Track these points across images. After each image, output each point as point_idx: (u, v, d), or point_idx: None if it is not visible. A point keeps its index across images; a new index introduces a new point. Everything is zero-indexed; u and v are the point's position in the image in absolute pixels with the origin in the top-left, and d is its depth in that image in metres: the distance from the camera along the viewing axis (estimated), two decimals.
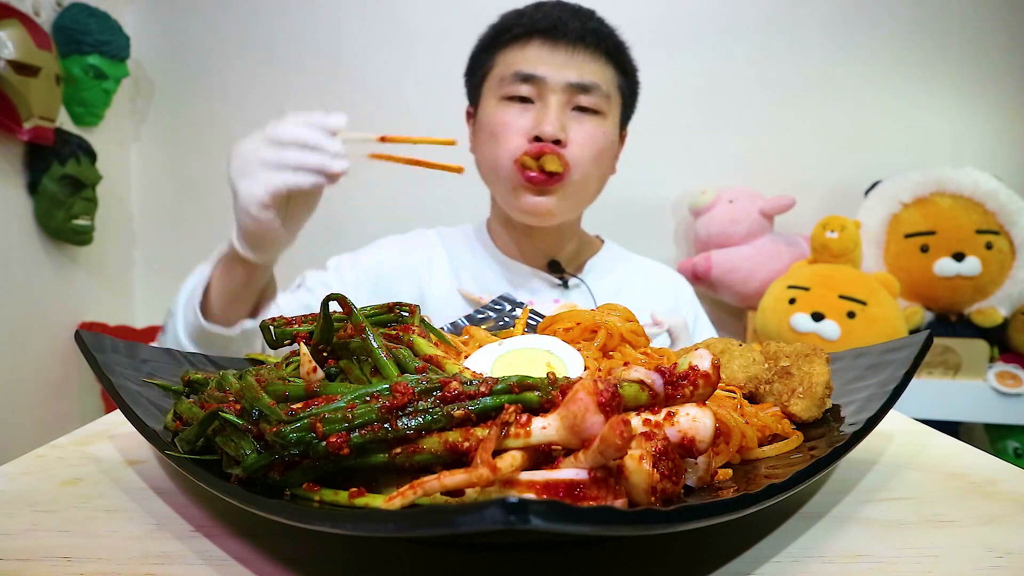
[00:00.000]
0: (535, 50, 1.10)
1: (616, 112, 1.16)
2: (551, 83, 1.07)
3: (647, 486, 0.33)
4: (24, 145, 1.77)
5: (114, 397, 0.50)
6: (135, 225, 2.31)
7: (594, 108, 1.10)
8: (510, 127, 1.09)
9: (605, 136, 1.11)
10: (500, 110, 1.11)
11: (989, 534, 0.42)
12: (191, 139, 2.27)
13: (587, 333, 0.59)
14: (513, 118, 1.09)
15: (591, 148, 1.09)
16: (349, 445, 0.34)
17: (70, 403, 1.99)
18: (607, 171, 1.18)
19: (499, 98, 1.12)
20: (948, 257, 1.85)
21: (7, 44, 1.62)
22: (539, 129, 1.05)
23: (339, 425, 0.35)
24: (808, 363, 0.55)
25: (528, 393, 0.36)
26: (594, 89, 1.09)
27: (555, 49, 1.09)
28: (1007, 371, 1.82)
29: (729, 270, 2.04)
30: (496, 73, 1.13)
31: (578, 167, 1.08)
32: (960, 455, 0.58)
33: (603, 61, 1.11)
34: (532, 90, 1.09)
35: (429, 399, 0.36)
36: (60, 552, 0.39)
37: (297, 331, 0.52)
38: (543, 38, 1.09)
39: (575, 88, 1.08)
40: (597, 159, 1.11)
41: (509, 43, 1.13)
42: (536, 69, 1.08)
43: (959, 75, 2.19)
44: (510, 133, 1.09)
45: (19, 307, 1.79)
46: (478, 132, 1.18)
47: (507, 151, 1.08)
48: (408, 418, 0.35)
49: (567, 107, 1.09)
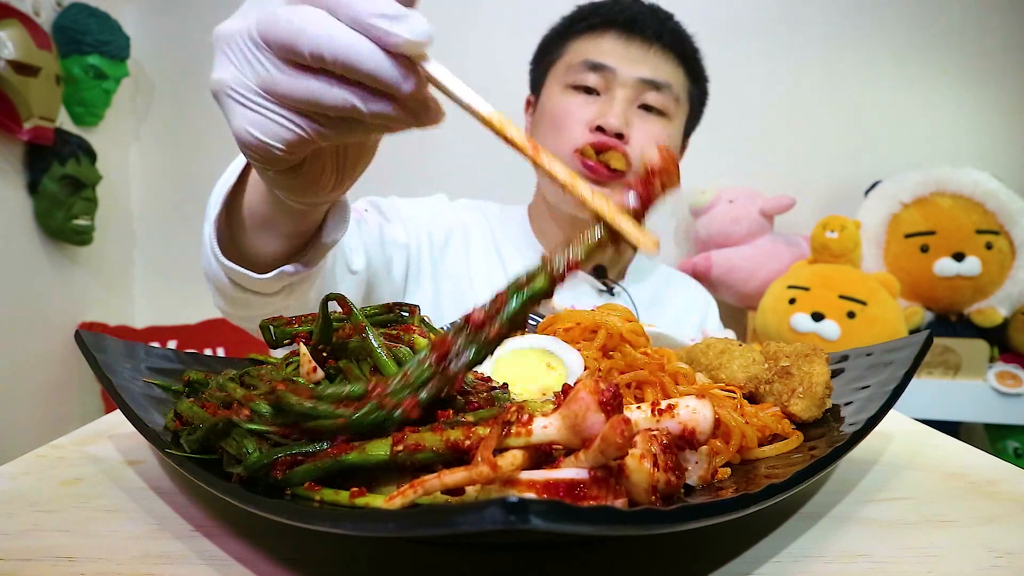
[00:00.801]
0: (610, 42, 1.07)
1: (682, 118, 1.13)
2: (621, 76, 1.04)
3: (648, 485, 0.33)
4: (24, 145, 1.77)
5: (114, 397, 0.50)
6: (135, 225, 2.31)
7: (661, 108, 1.07)
8: (572, 116, 1.05)
9: (669, 139, 1.09)
10: (564, 98, 1.08)
11: (989, 534, 0.42)
12: (191, 139, 2.27)
13: (587, 333, 0.59)
14: (577, 107, 1.06)
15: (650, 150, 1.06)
16: (420, 406, 0.36)
17: (70, 403, 1.99)
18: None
19: (564, 86, 1.09)
20: (948, 257, 1.85)
21: (7, 44, 1.62)
22: (603, 120, 1.02)
23: (404, 392, 0.37)
24: (808, 363, 0.55)
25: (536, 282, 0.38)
26: (664, 88, 1.06)
27: (630, 43, 1.06)
28: (1007, 371, 1.82)
29: (729, 270, 2.04)
30: (564, 61, 1.10)
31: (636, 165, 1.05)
32: (960, 455, 0.58)
33: (676, 63, 1.09)
34: (599, 81, 1.06)
35: (463, 334, 0.38)
36: (60, 552, 0.39)
37: (297, 331, 0.52)
38: (619, 30, 1.07)
39: (645, 84, 1.05)
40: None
41: (583, 32, 1.10)
42: (607, 59, 1.05)
43: (959, 75, 2.19)
44: (572, 122, 1.05)
45: (19, 307, 1.79)
46: (538, 120, 1.14)
47: (568, 140, 1.05)
48: (456, 359, 0.37)
49: (633, 103, 1.06)
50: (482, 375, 0.47)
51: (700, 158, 2.27)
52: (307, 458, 0.37)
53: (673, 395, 0.52)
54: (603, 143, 1.02)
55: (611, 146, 1.02)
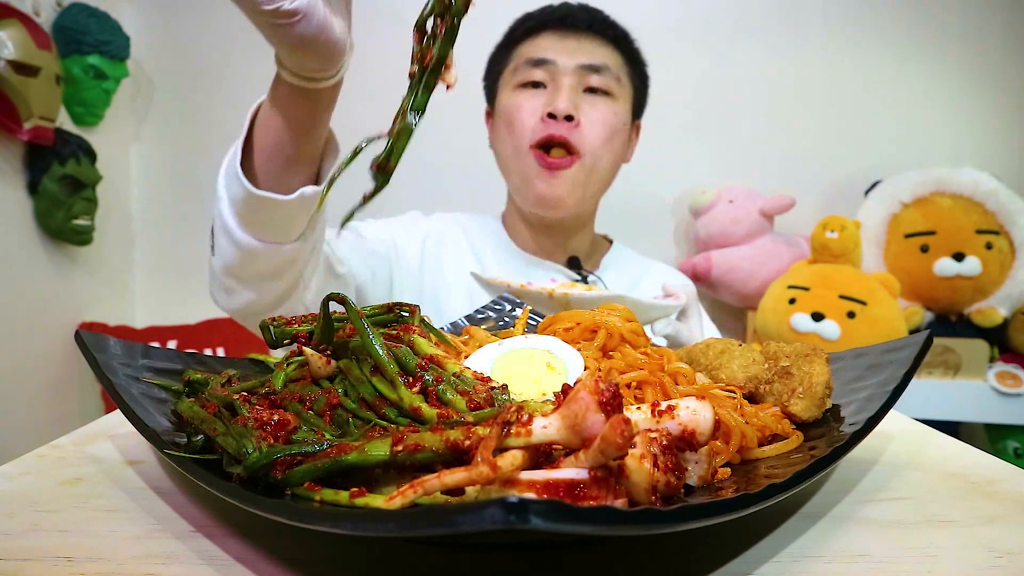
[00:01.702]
0: (546, 39, 1.16)
1: (627, 97, 1.20)
2: (562, 65, 1.13)
3: (648, 485, 0.33)
4: (24, 145, 1.77)
5: (114, 397, 0.50)
6: (135, 225, 2.31)
7: (605, 89, 1.15)
8: (523, 108, 1.14)
9: (616, 117, 1.16)
10: (515, 96, 1.16)
11: (989, 534, 0.42)
12: (191, 139, 2.27)
13: (587, 333, 0.59)
14: (526, 100, 1.14)
15: (602, 127, 1.14)
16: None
17: (70, 403, 1.99)
18: (619, 156, 1.21)
19: (514, 87, 1.17)
20: (948, 257, 1.85)
21: (7, 44, 1.62)
22: (552, 106, 1.10)
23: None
24: (808, 363, 0.55)
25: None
26: (604, 70, 1.14)
27: (565, 36, 1.15)
28: (1007, 371, 1.82)
29: (729, 270, 2.04)
30: (511, 67, 1.19)
31: (589, 150, 1.13)
32: (960, 455, 0.58)
33: (611, 47, 1.18)
34: (544, 74, 1.14)
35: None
36: (60, 552, 0.39)
37: (297, 331, 0.52)
38: (553, 28, 1.16)
39: (585, 69, 1.13)
40: (609, 139, 1.15)
41: (522, 38, 1.19)
42: (547, 53, 1.14)
43: (959, 75, 2.19)
44: (524, 115, 1.14)
45: (19, 307, 1.79)
46: (496, 124, 1.22)
47: (523, 134, 1.13)
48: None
49: (578, 88, 1.14)
50: (482, 375, 0.47)
51: (700, 158, 2.28)
52: (307, 458, 0.37)
53: (673, 395, 0.52)
54: (554, 135, 1.10)
55: (561, 137, 1.10)
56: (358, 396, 0.45)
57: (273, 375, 0.49)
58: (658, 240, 2.28)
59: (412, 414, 0.42)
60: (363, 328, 0.45)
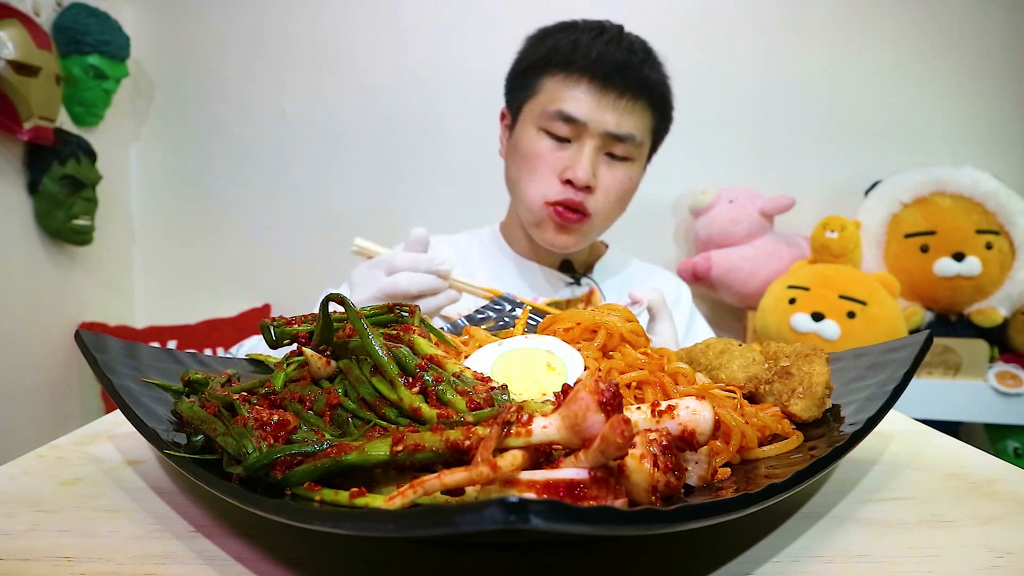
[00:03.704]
0: (583, 93, 1.11)
1: (645, 154, 1.21)
2: (591, 129, 1.10)
3: (648, 485, 0.33)
4: (24, 145, 1.77)
5: (114, 397, 0.50)
6: (135, 225, 2.31)
7: (625, 155, 1.14)
8: (545, 162, 1.13)
9: (631, 181, 1.18)
10: (538, 142, 1.14)
11: (989, 534, 0.42)
12: (191, 139, 2.27)
13: (587, 333, 0.59)
14: (548, 153, 1.13)
15: (616, 193, 1.15)
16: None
17: (70, 403, 1.99)
18: (627, 205, 1.23)
19: (538, 129, 1.14)
20: (948, 257, 1.85)
21: (7, 44, 1.62)
22: (573, 173, 1.10)
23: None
24: (808, 363, 0.55)
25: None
26: (629, 139, 1.12)
27: (603, 96, 1.10)
28: (1007, 371, 1.82)
29: (729, 270, 2.04)
30: (539, 100, 1.14)
31: (600, 212, 1.14)
32: (960, 455, 0.58)
33: (643, 108, 1.14)
34: (571, 131, 1.12)
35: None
36: (60, 552, 0.39)
37: (297, 331, 0.52)
38: (598, 82, 1.10)
39: (612, 137, 1.11)
40: (620, 202, 1.18)
41: (559, 74, 1.13)
42: (579, 113, 1.10)
43: (959, 75, 2.18)
44: (544, 169, 1.13)
45: (19, 307, 1.79)
46: (512, 150, 1.20)
47: (540, 189, 1.13)
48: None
49: (601, 151, 1.13)
50: (482, 375, 0.47)
51: (700, 158, 2.28)
52: (307, 458, 0.37)
53: (673, 395, 0.52)
54: (571, 201, 1.11)
55: (577, 203, 1.11)
56: (358, 396, 0.45)
57: (273, 375, 0.49)
58: (658, 240, 2.28)
59: (412, 414, 0.42)
60: (363, 328, 0.45)
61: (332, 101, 2.24)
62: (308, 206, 2.25)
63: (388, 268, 0.89)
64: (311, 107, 2.24)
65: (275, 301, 2.27)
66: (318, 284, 1.41)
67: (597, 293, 1.17)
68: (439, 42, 2.19)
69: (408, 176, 2.23)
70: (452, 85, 2.19)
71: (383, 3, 2.23)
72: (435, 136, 2.21)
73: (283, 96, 2.23)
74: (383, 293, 0.88)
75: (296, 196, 2.26)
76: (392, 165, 2.24)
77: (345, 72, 2.23)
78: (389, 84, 2.23)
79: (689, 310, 1.32)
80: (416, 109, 2.21)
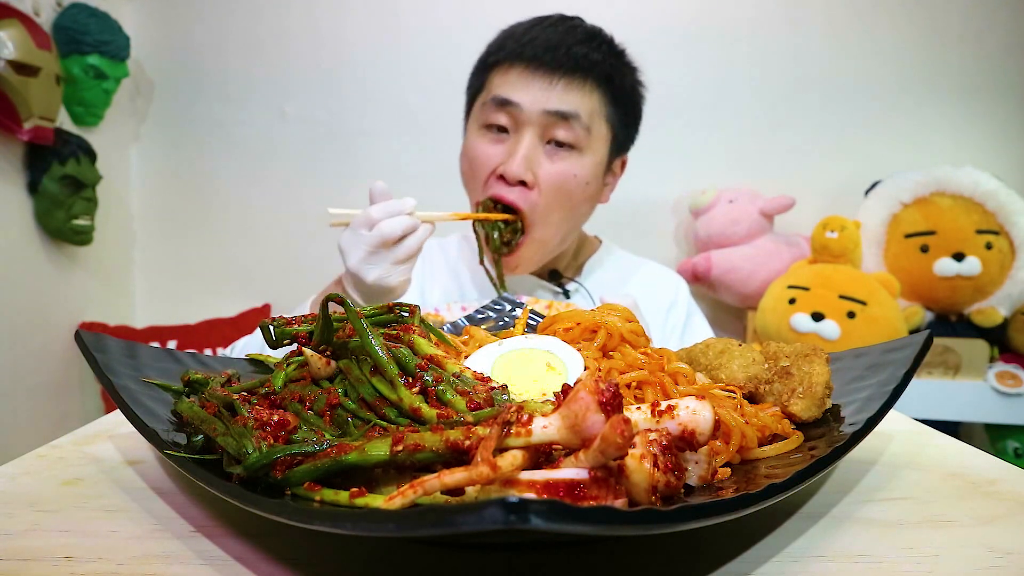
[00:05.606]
0: (517, 74, 1.05)
1: (601, 147, 1.10)
2: (527, 111, 1.03)
3: (648, 485, 0.33)
4: (24, 145, 1.77)
5: (114, 397, 0.50)
6: (135, 225, 2.31)
7: (571, 143, 1.05)
8: (480, 161, 1.07)
9: (577, 178, 1.06)
10: (477, 140, 1.09)
11: (989, 534, 0.42)
12: (191, 139, 2.27)
13: (587, 333, 0.59)
14: (484, 149, 1.07)
15: (557, 193, 1.05)
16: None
17: (70, 403, 1.99)
18: (581, 211, 1.13)
19: (479, 125, 1.09)
20: (948, 257, 1.85)
21: (7, 44, 1.62)
22: (505, 168, 1.03)
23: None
24: (808, 363, 0.55)
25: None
26: (573, 119, 1.03)
27: (535, 74, 1.04)
28: (1007, 371, 1.82)
29: (729, 270, 2.04)
30: (482, 96, 1.11)
31: (540, 214, 1.05)
32: (960, 455, 0.58)
33: (588, 89, 1.05)
34: (508, 119, 1.05)
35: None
36: (60, 552, 0.39)
37: (297, 331, 0.52)
38: (526, 63, 1.05)
39: (551, 116, 1.03)
40: (565, 200, 1.06)
41: (496, 65, 1.09)
42: (513, 94, 1.04)
43: (959, 76, 2.19)
44: (480, 169, 1.07)
45: (19, 307, 1.79)
46: (461, 155, 1.15)
47: (475, 190, 1.09)
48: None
49: (541, 140, 1.05)
50: (482, 375, 0.47)
51: (700, 158, 2.28)
52: (307, 458, 0.37)
53: (673, 395, 0.52)
54: (503, 197, 1.04)
55: (510, 201, 1.04)
56: (358, 396, 0.45)
57: (273, 375, 0.49)
58: (658, 240, 2.28)
59: (412, 414, 0.42)
60: (363, 328, 0.45)
61: (332, 101, 2.24)
62: (308, 206, 2.25)
63: (367, 223, 0.90)
64: (311, 107, 2.24)
65: (275, 301, 2.27)
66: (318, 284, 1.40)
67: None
68: (439, 42, 2.19)
69: (408, 176, 2.23)
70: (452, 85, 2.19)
71: (383, 3, 2.23)
72: (435, 136, 2.21)
73: (283, 96, 2.23)
74: (372, 246, 0.89)
75: (296, 196, 2.26)
76: (392, 165, 2.24)
77: (345, 72, 2.23)
78: (389, 84, 2.23)
79: (687, 307, 1.27)
80: (416, 108, 2.21)
